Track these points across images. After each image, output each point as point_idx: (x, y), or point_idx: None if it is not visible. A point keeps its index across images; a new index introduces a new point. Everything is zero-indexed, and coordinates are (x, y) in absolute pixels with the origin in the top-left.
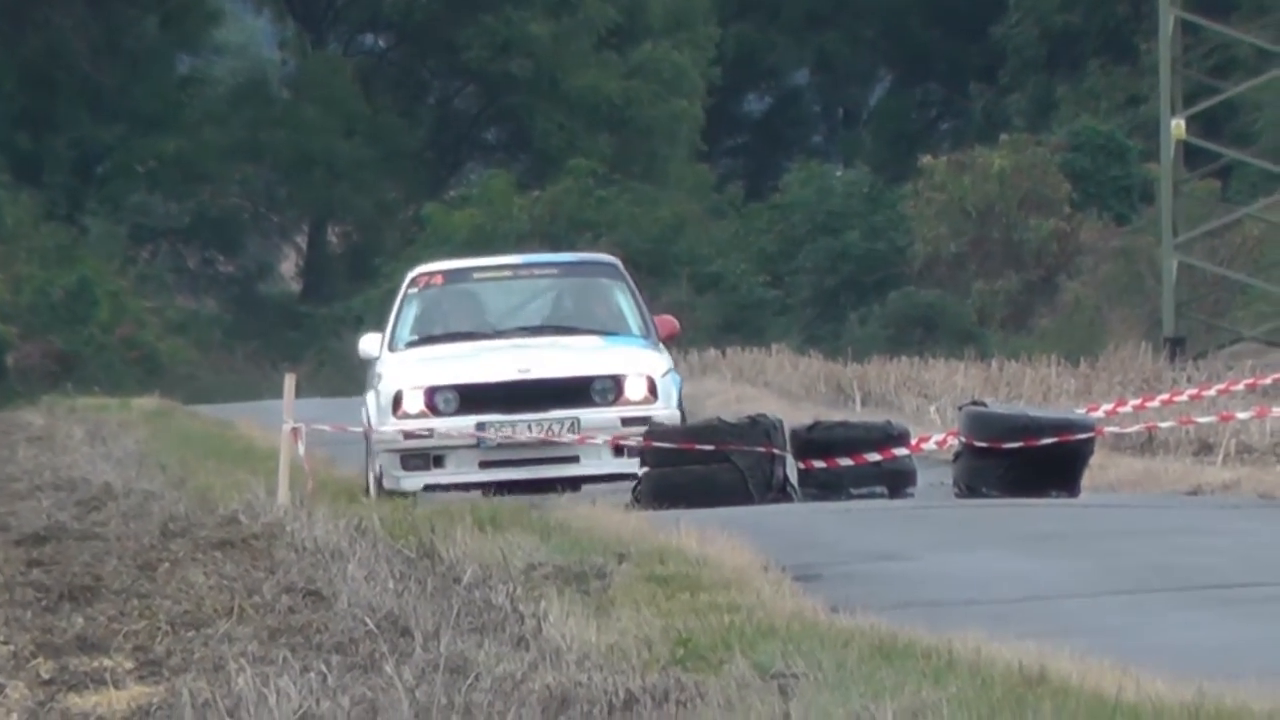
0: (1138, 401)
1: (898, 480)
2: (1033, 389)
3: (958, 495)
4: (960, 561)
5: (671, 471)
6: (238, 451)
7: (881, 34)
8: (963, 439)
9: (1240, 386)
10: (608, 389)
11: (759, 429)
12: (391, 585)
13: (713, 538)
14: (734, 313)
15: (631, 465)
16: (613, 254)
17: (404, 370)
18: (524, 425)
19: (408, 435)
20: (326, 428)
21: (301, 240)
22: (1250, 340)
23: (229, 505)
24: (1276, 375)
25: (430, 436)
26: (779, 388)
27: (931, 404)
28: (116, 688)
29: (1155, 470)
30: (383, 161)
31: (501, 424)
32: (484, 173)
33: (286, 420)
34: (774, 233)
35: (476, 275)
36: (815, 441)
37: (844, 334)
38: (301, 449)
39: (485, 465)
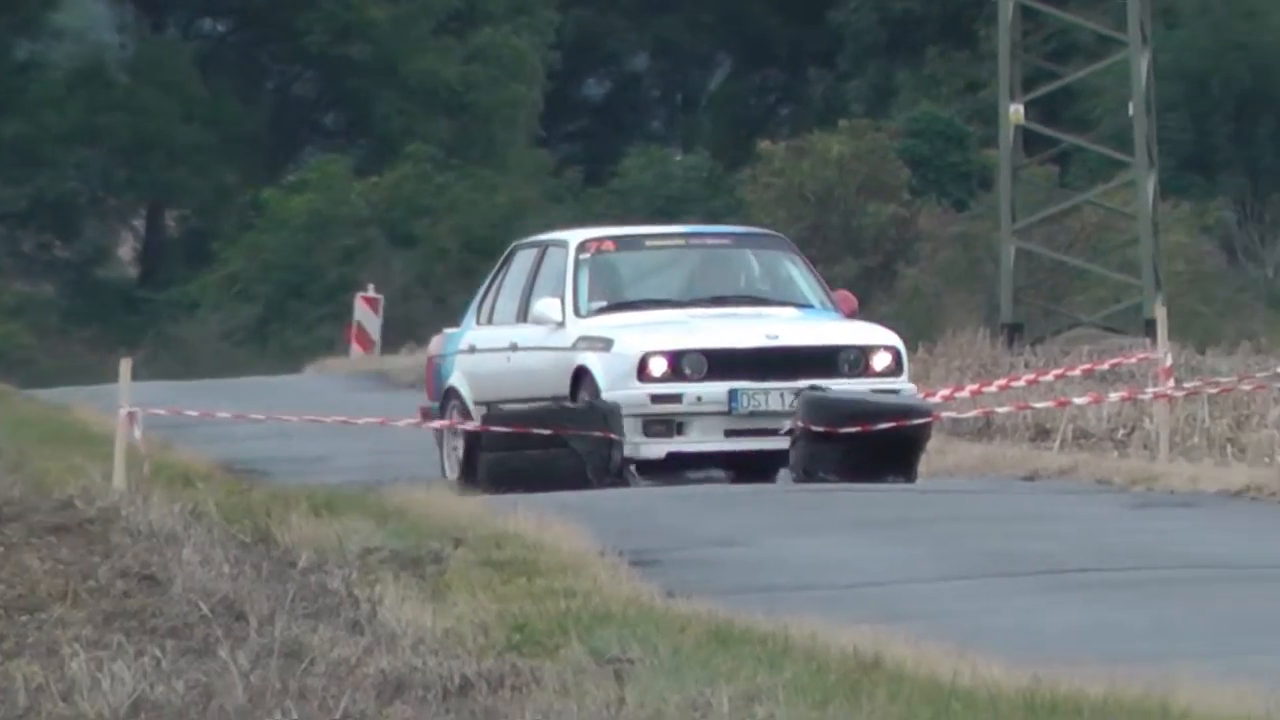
0: (975, 387)
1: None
2: None
3: (795, 480)
4: (797, 547)
5: (508, 455)
6: (74, 436)
7: (721, 19)
8: (800, 423)
9: (1077, 372)
10: (855, 360)
11: (597, 413)
12: (227, 570)
13: (550, 523)
14: None
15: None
16: (450, 239)
17: (642, 334)
18: (776, 393)
19: (655, 399)
20: (162, 411)
21: (139, 224)
22: (1087, 326)
23: (64, 490)
24: (1113, 360)
25: (679, 401)
26: None
27: None
28: None
29: (992, 455)
30: (221, 146)
31: (754, 391)
32: (322, 157)
33: (122, 404)
34: (612, 217)
35: (649, 243)
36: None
37: None
38: (138, 433)
39: (731, 434)
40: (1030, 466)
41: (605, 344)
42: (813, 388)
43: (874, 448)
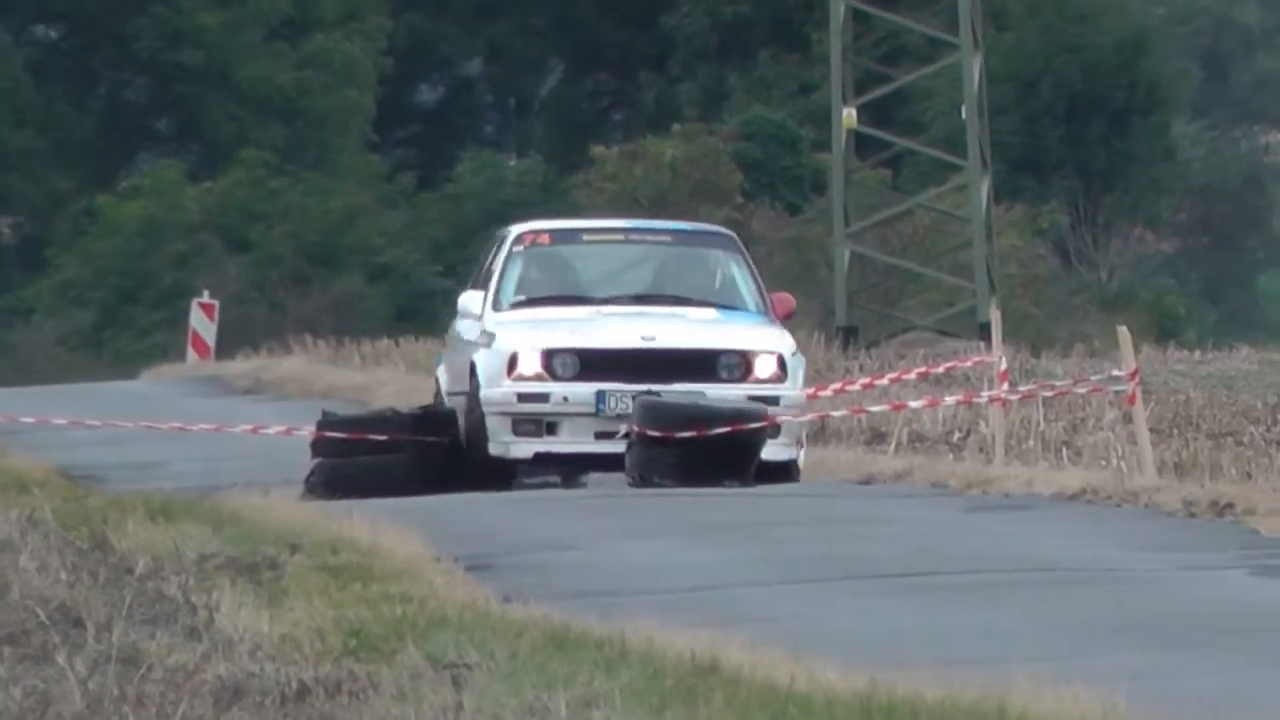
0: (810, 390)
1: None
2: None
3: (631, 485)
4: (633, 551)
5: (343, 462)
6: None
7: (552, 24)
8: (636, 428)
9: (912, 375)
10: (735, 365)
11: (432, 419)
12: (64, 576)
13: (385, 528)
14: (406, 302)
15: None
16: (284, 244)
17: (520, 331)
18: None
19: (522, 398)
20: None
21: None
22: (922, 329)
23: None
24: (948, 364)
25: (546, 401)
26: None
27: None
28: None
29: (828, 459)
30: (54, 151)
31: (622, 393)
32: (155, 163)
33: None
34: (446, 222)
35: (586, 237)
36: None
37: None
38: None
39: (601, 436)
40: (865, 470)
41: (489, 340)
42: (648, 392)
43: (710, 452)
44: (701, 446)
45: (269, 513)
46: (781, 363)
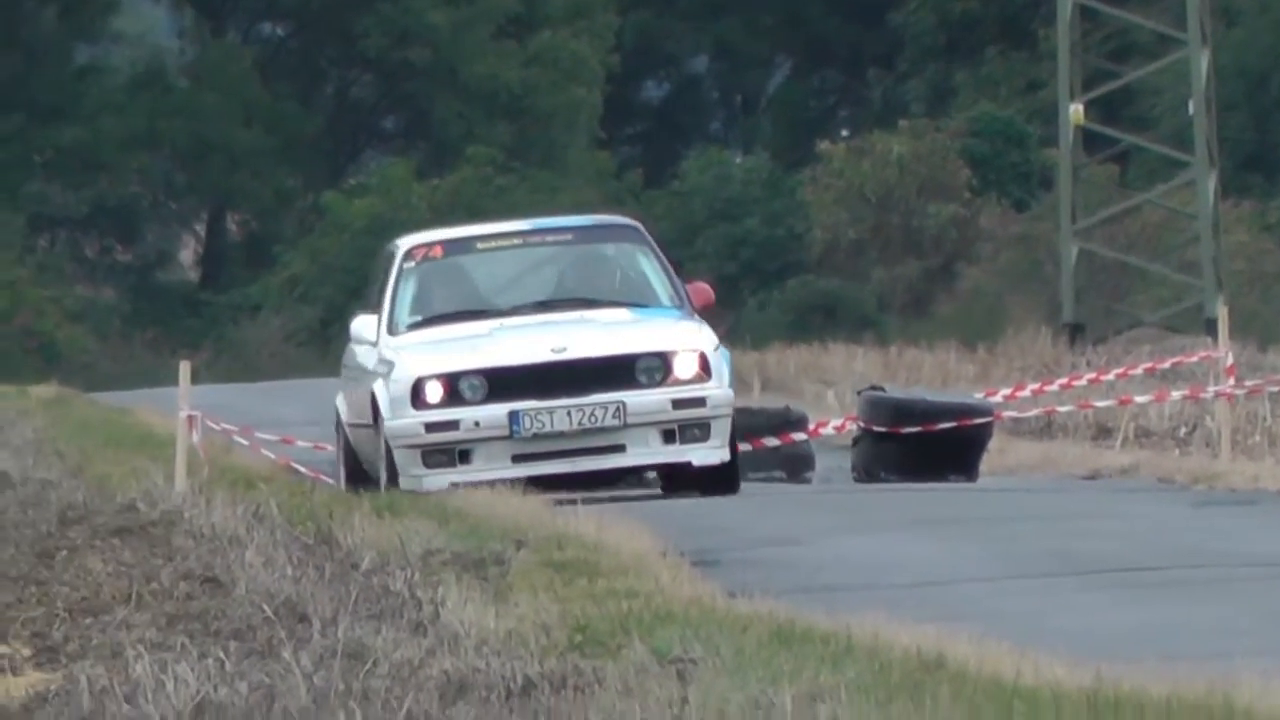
0: (1036, 386)
1: (796, 465)
2: (932, 374)
3: (856, 480)
4: (858, 546)
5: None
6: (136, 438)
7: (780, 21)
8: (861, 424)
9: (1139, 371)
10: (655, 368)
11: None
12: (289, 572)
13: (610, 524)
14: None
15: (685, 452)
16: None
17: (420, 355)
18: (563, 412)
19: (430, 428)
20: (234, 430)
21: (200, 228)
22: (1149, 325)
23: (127, 492)
24: (1174, 359)
25: (456, 428)
26: None
27: (830, 389)
28: (14, 674)
29: (1054, 454)
30: (281, 150)
31: (537, 411)
32: (382, 161)
33: (182, 407)
34: (673, 219)
35: (480, 245)
36: None
37: (743, 320)
38: (196, 436)
39: (519, 459)
40: (1092, 465)
41: (389, 368)
42: (872, 388)
43: (935, 447)
44: (926, 441)
45: (494, 508)
46: (704, 360)
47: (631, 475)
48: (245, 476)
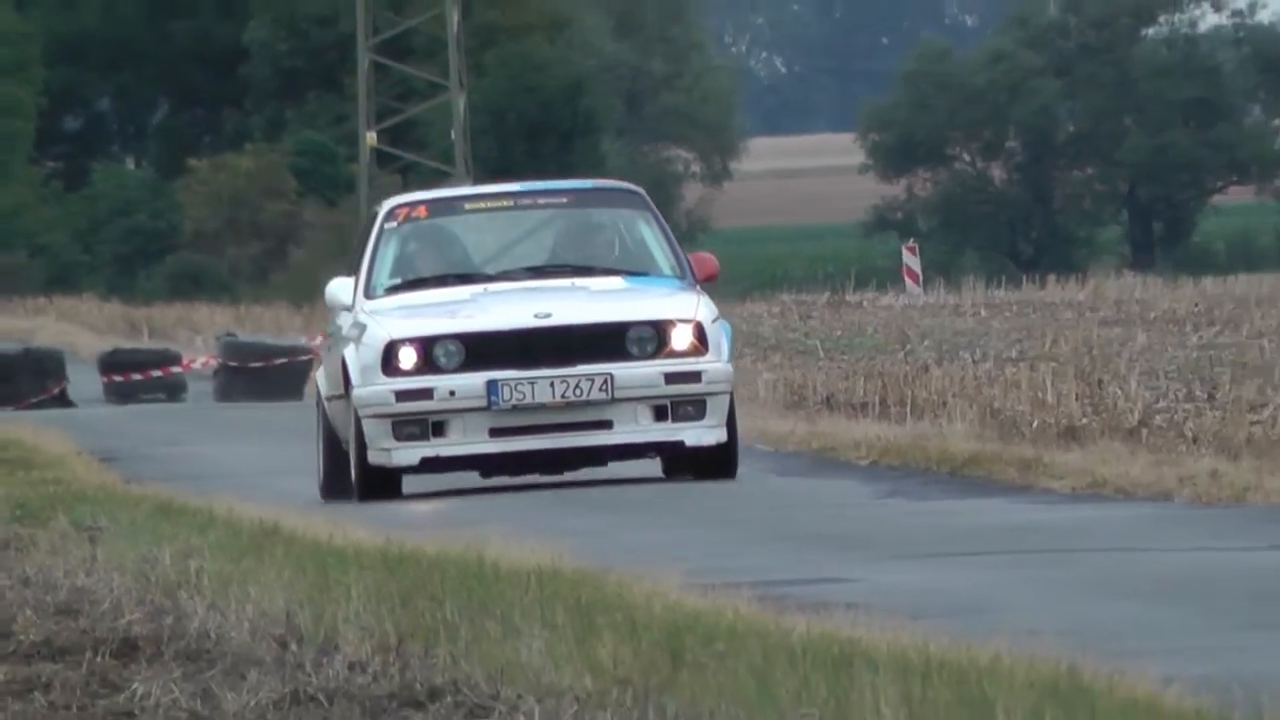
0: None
1: (174, 390)
2: (270, 325)
3: (217, 401)
4: (220, 449)
5: None
6: None
7: (162, 71)
8: (219, 360)
9: None
10: (646, 339)
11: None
12: None
13: (40, 431)
14: (57, 271)
15: (677, 431)
16: None
17: (394, 319)
18: (545, 383)
19: (401, 396)
20: None
21: None
22: None
23: None
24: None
25: (430, 397)
26: (90, 325)
27: (198, 336)
28: None
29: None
30: None
31: (517, 381)
32: None
33: None
34: (85, 215)
35: (469, 206)
36: (117, 362)
37: (136, 286)
38: None
39: (497, 433)
40: None
41: (360, 331)
42: (228, 334)
43: (273, 377)
44: (266, 372)
45: None
46: (700, 332)
47: (621, 455)
48: None
